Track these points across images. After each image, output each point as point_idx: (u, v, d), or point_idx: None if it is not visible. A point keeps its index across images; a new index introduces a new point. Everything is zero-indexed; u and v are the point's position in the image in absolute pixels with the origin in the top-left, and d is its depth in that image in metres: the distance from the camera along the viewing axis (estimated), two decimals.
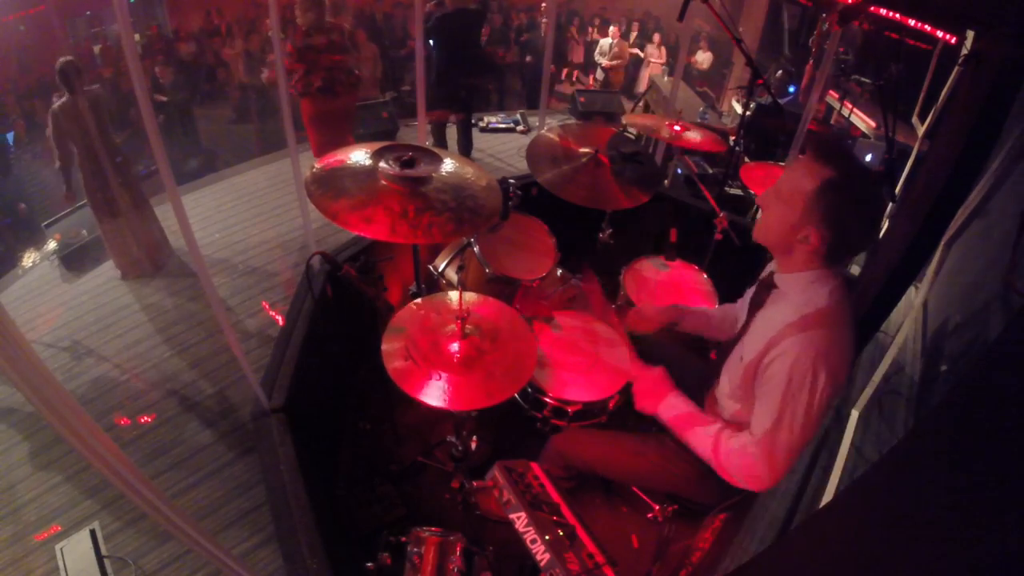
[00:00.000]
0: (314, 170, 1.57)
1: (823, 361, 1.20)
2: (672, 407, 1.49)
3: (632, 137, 3.33)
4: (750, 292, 1.57)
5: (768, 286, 1.40)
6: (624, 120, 2.70)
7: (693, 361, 1.96)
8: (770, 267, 1.47)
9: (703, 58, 7.73)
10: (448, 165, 1.66)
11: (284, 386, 2.04)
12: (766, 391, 1.28)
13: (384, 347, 1.53)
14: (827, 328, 1.22)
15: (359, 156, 1.63)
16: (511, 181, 2.44)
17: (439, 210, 1.50)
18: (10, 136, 4.81)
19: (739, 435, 1.36)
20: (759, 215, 1.36)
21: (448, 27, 4.23)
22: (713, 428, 1.41)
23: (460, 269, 2.36)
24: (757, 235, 1.37)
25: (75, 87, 3.09)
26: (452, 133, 4.88)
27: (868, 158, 4.64)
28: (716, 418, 1.47)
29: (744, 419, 1.39)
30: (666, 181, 4.13)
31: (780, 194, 1.28)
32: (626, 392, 1.93)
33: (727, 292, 2.31)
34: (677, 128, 2.48)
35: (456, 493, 1.85)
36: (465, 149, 4.72)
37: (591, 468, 1.68)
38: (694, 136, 2.45)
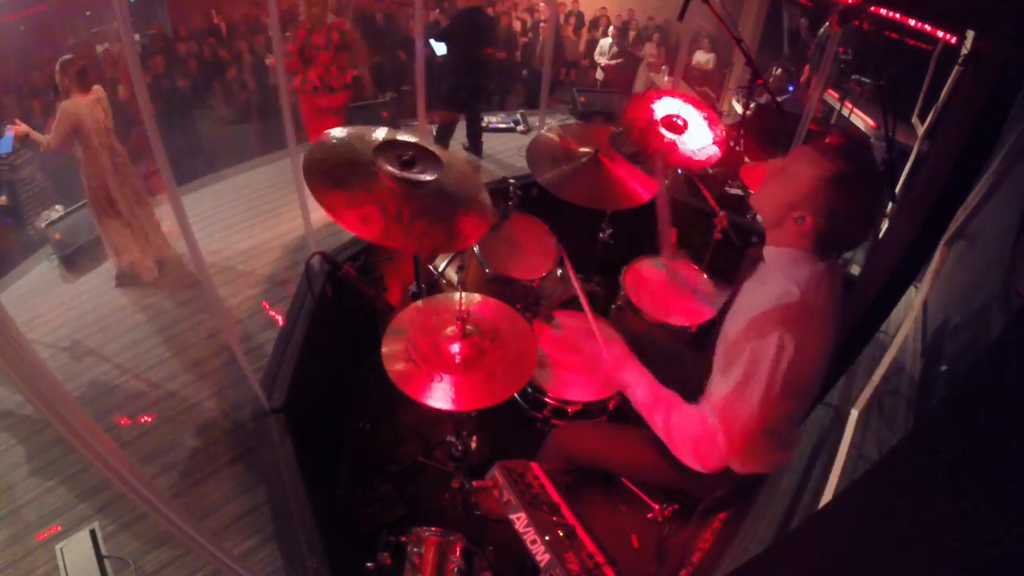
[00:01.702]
0: (310, 151, 1.55)
1: (791, 340, 1.20)
2: (634, 377, 1.49)
3: None
4: None
5: (755, 260, 1.42)
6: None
7: (690, 357, 1.96)
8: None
9: (705, 59, 7.68)
10: (448, 169, 1.66)
11: (284, 386, 2.04)
12: (730, 363, 1.29)
13: (385, 350, 1.53)
14: (801, 323, 1.23)
15: (355, 133, 1.62)
16: (511, 181, 2.44)
17: (432, 220, 1.49)
18: (9, 138, 4.79)
19: (695, 404, 1.35)
20: (762, 184, 1.38)
21: (459, 27, 4.30)
22: (669, 394, 1.41)
23: (460, 269, 2.36)
24: (754, 200, 1.40)
25: (89, 85, 3.11)
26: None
27: None
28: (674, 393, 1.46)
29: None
30: (666, 181, 4.12)
31: (787, 169, 1.30)
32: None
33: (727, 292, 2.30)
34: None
35: (456, 493, 1.85)
36: (475, 149, 4.74)
37: (592, 461, 1.68)
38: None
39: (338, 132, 1.63)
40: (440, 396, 1.44)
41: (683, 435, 1.33)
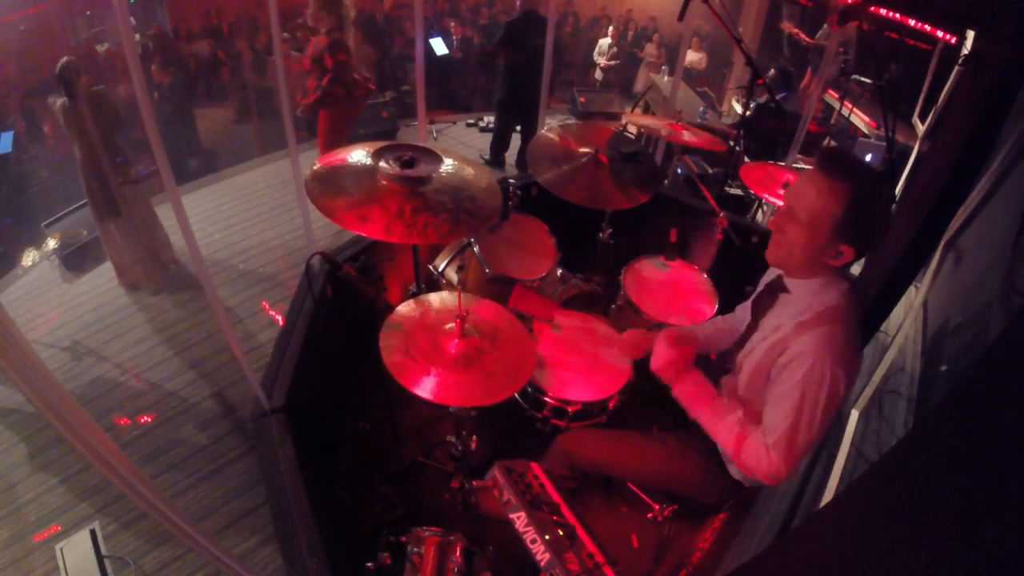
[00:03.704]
0: (315, 168, 1.57)
1: (839, 361, 1.20)
2: (696, 383, 1.46)
3: (632, 137, 3.33)
4: (746, 304, 1.58)
5: (776, 289, 1.39)
6: (624, 119, 2.69)
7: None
8: (773, 271, 1.46)
9: (697, 58, 7.66)
10: (448, 166, 1.66)
11: (284, 386, 2.04)
12: (781, 393, 1.27)
13: (383, 342, 1.53)
14: (840, 324, 1.22)
15: (359, 155, 1.63)
16: (511, 181, 2.44)
17: (435, 211, 1.50)
18: (9, 137, 4.78)
19: (757, 433, 1.34)
20: (772, 238, 1.31)
21: (516, 33, 4.18)
22: (736, 417, 1.38)
23: (460, 269, 2.36)
24: (776, 258, 1.32)
25: (74, 90, 3.07)
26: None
27: (868, 158, 4.64)
28: (735, 406, 1.43)
29: (751, 418, 1.39)
30: (666, 181, 4.13)
31: (798, 218, 1.23)
32: (625, 392, 1.93)
33: (727, 292, 2.30)
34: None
35: (456, 493, 1.84)
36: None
37: (597, 468, 1.68)
38: (692, 136, 2.45)
39: (355, 155, 1.63)
40: (434, 391, 1.43)
41: (751, 464, 1.31)
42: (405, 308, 1.67)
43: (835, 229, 1.20)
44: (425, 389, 1.42)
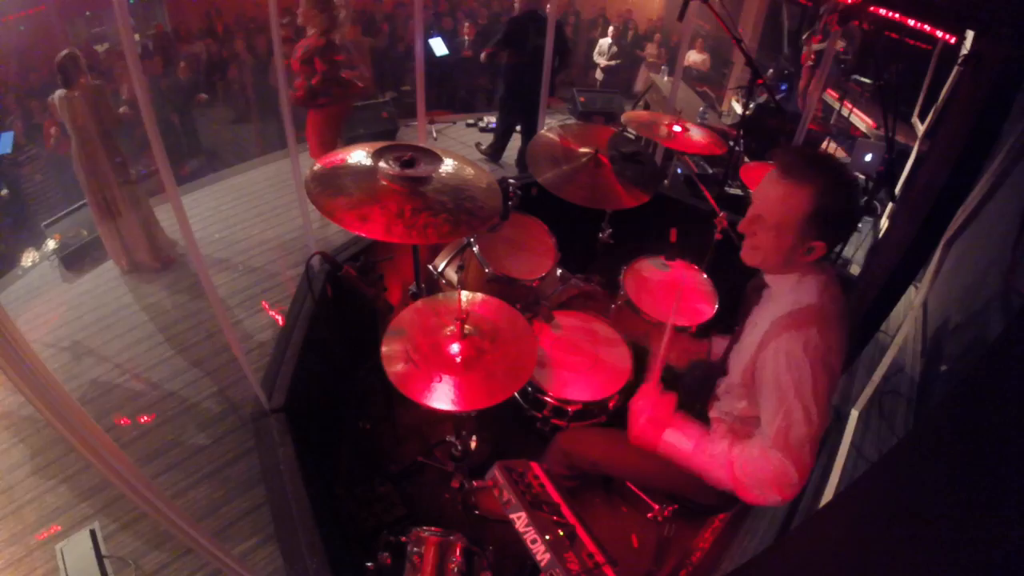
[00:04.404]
0: (315, 168, 1.57)
1: (815, 353, 1.21)
2: (676, 438, 1.43)
3: (632, 137, 3.32)
4: None
5: (759, 288, 1.42)
6: (623, 118, 2.69)
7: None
8: None
9: (700, 60, 7.66)
10: (448, 166, 1.66)
11: (284, 386, 2.04)
12: (767, 392, 1.28)
13: (384, 350, 1.53)
14: (815, 325, 1.24)
15: (359, 156, 1.63)
16: (511, 181, 2.44)
17: (436, 211, 1.50)
18: (9, 137, 4.77)
19: (750, 443, 1.31)
20: (745, 242, 1.33)
21: (518, 32, 4.17)
22: (721, 447, 1.35)
23: (460, 269, 2.36)
24: (753, 261, 1.34)
25: (72, 81, 3.07)
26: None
27: (868, 158, 4.64)
28: (719, 436, 1.40)
29: (750, 415, 1.39)
30: (666, 181, 4.13)
31: (767, 222, 1.25)
32: (626, 392, 1.93)
33: (727, 292, 2.30)
34: (677, 128, 2.47)
35: (456, 493, 1.85)
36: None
37: (596, 467, 1.68)
38: (692, 137, 2.45)
39: (355, 155, 1.63)
40: (440, 397, 1.44)
41: (754, 480, 1.27)
42: (405, 314, 1.67)
43: (803, 229, 1.22)
44: (434, 398, 1.42)
